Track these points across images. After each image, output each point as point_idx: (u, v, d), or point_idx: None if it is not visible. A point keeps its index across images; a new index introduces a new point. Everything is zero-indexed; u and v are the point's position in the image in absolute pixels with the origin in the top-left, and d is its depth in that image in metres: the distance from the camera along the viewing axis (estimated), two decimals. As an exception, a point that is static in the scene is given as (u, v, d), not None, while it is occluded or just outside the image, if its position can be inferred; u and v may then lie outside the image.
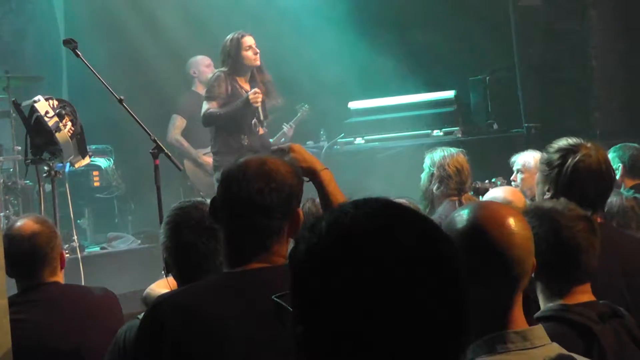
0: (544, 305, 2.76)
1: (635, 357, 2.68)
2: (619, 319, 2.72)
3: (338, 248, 1.32)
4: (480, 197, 6.00)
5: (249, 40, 7.29)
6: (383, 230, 1.32)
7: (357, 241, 1.31)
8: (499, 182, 6.15)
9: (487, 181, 6.15)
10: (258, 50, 7.28)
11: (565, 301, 2.72)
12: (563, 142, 3.42)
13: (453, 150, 5.69)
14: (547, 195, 3.38)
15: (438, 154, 5.61)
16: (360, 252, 1.30)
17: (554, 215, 2.76)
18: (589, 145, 3.38)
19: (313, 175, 2.94)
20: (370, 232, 1.32)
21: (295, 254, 1.37)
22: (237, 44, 7.27)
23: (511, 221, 2.13)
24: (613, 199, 4.53)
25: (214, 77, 7.31)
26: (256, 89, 7.19)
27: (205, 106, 7.26)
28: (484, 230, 2.12)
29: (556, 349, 2.17)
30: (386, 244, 1.31)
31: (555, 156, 3.38)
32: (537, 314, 2.72)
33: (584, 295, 2.74)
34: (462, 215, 2.17)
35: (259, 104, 7.20)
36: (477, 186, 6.01)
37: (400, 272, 1.29)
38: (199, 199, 3.09)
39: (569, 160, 3.33)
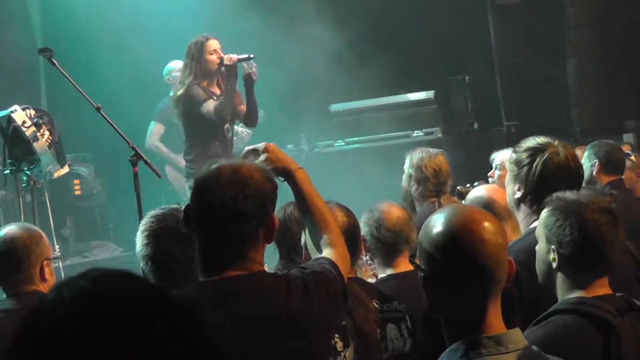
0: (562, 297, 2.77)
1: None
2: (635, 312, 2.74)
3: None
4: (462, 201, 6.00)
5: (213, 44, 7.04)
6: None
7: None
8: None
9: (468, 185, 6.15)
10: (222, 55, 7.04)
11: (584, 294, 2.73)
12: (531, 142, 3.42)
13: (432, 151, 5.65)
14: (518, 194, 3.39)
15: (417, 155, 5.57)
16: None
17: (578, 208, 2.75)
18: (556, 143, 3.38)
19: (288, 175, 2.91)
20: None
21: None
22: (201, 47, 7.02)
23: (483, 229, 2.12)
24: None
25: (187, 91, 6.96)
26: (228, 55, 7.00)
27: (205, 109, 6.92)
28: (456, 238, 2.12)
29: (532, 352, 2.15)
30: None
31: (524, 155, 3.39)
32: (555, 306, 2.74)
33: (601, 288, 2.76)
34: (437, 222, 2.16)
35: (234, 59, 6.97)
36: (460, 190, 6.00)
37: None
38: (174, 205, 3.03)
39: (538, 159, 3.34)
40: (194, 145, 7.11)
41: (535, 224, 3.29)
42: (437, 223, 2.16)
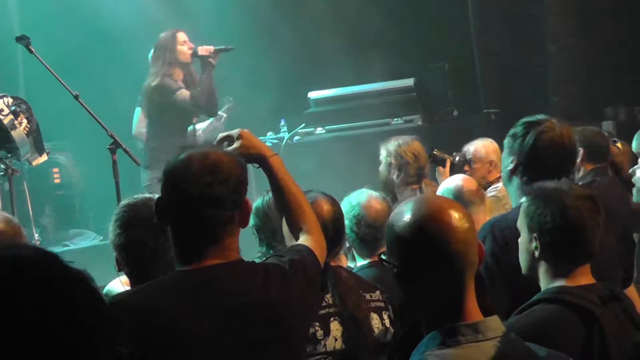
0: (545, 286, 2.78)
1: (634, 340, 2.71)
2: (618, 301, 2.74)
3: None
4: (437, 166, 6.05)
5: (182, 36, 7.35)
6: None
7: None
8: (457, 158, 6.17)
9: (445, 155, 6.18)
10: (193, 46, 7.30)
11: (567, 283, 2.74)
12: (529, 118, 3.50)
13: (407, 138, 5.74)
14: (510, 166, 3.42)
15: (393, 143, 5.65)
16: None
17: (560, 196, 2.77)
18: (554, 120, 3.46)
19: (262, 161, 2.91)
20: None
21: None
22: (172, 39, 7.32)
23: (449, 215, 2.12)
24: None
25: (161, 81, 7.23)
26: (204, 46, 7.24)
27: (180, 97, 7.19)
28: (423, 227, 2.12)
29: (510, 339, 2.15)
30: None
31: (520, 128, 3.45)
32: (538, 295, 2.75)
33: (584, 277, 2.76)
34: (402, 215, 2.16)
35: (210, 50, 7.22)
36: (435, 153, 6.04)
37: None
38: (148, 195, 3.02)
39: (532, 131, 3.40)
40: (160, 132, 7.32)
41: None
42: (402, 216, 2.15)
